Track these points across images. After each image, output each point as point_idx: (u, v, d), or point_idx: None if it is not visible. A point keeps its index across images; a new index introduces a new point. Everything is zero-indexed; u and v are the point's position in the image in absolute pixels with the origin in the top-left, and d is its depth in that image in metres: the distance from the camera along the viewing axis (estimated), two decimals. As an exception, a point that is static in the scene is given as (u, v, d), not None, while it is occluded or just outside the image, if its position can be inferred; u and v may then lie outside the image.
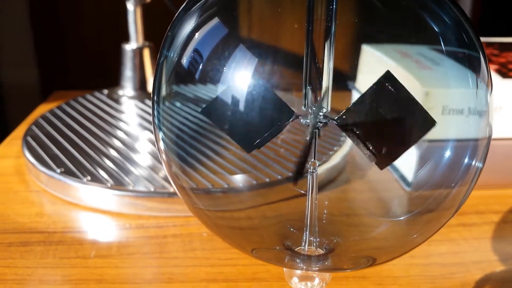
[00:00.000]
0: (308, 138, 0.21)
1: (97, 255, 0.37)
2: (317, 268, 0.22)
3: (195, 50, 0.22)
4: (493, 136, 0.42)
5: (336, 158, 0.38)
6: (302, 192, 0.23)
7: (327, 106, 0.22)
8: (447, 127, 0.30)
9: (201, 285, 0.34)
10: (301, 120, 0.21)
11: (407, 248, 0.24)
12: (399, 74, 0.32)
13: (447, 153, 0.25)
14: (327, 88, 0.22)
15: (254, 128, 0.21)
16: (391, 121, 0.21)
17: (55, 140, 0.50)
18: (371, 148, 0.20)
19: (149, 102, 0.59)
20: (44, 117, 0.56)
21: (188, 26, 0.22)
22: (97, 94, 0.63)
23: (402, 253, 0.24)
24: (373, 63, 0.29)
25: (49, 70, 1.01)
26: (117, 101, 0.60)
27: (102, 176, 0.44)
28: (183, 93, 0.24)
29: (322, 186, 0.25)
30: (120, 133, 0.52)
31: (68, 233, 0.40)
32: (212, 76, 0.21)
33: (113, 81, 0.64)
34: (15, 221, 0.41)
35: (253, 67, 0.21)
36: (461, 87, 0.27)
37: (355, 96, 0.32)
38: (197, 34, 0.22)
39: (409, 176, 0.29)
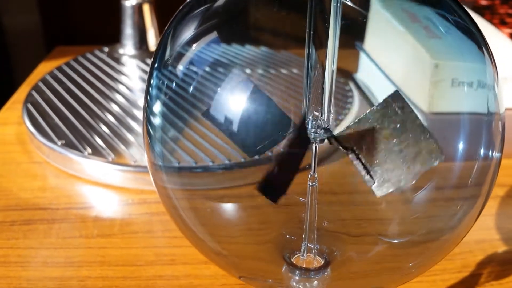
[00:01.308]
0: (299, 156, 0.21)
1: (100, 234, 0.37)
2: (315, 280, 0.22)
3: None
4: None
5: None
6: (302, 199, 0.23)
7: (328, 120, 0.21)
8: (456, 100, 0.29)
9: (202, 267, 0.35)
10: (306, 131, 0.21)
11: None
12: (408, 42, 0.31)
13: (456, 126, 0.24)
14: (329, 101, 0.21)
15: (257, 134, 0.20)
16: (393, 146, 0.20)
17: (56, 108, 0.50)
18: (370, 171, 0.20)
19: (150, 61, 0.58)
20: (44, 81, 0.55)
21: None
22: (97, 52, 0.61)
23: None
24: (382, 25, 0.28)
25: (52, 18, 0.98)
26: (117, 60, 0.59)
27: (104, 149, 0.43)
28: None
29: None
30: (121, 99, 0.51)
31: (71, 209, 0.40)
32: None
33: (115, 34, 0.62)
34: (18, 197, 0.41)
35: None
36: (471, 61, 0.26)
37: (363, 57, 0.31)
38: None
39: None
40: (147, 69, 0.56)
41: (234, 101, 0.21)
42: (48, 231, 0.38)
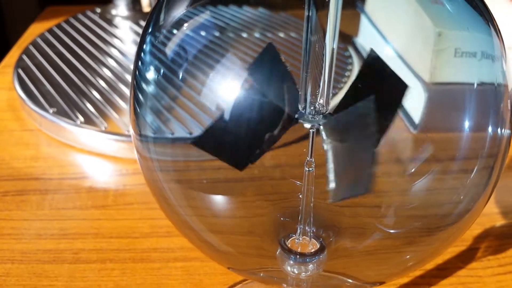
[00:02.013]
0: (276, 133, 0.20)
1: (94, 206, 0.37)
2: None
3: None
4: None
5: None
6: (298, 183, 0.22)
7: (326, 105, 0.20)
8: (459, 71, 0.28)
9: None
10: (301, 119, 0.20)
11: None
12: (411, 6, 0.29)
13: (457, 96, 0.24)
14: (329, 82, 0.20)
15: (245, 145, 0.19)
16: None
17: (47, 73, 0.48)
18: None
19: (143, 23, 0.56)
20: (35, 44, 0.53)
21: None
22: (89, 13, 0.59)
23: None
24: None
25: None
26: (110, 22, 0.57)
27: (96, 117, 0.42)
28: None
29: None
30: (113, 63, 0.49)
31: (64, 179, 0.39)
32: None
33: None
34: (11, 166, 0.41)
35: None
36: (475, 31, 0.25)
37: (363, 21, 0.30)
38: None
39: (416, 118, 0.28)
40: (141, 31, 0.55)
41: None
42: (41, 202, 0.37)
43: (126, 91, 0.46)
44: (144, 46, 0.23)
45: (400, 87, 0.21)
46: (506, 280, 0.31)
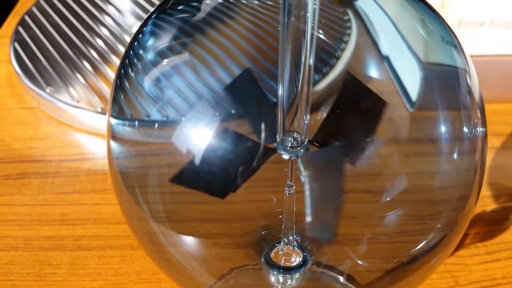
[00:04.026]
0: (255, 165, 0.20)
1: (93, 190, 0.38)
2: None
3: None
4: (504, 52, 0.39)
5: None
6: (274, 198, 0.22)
7: (305, 134, 0.20)
8: (463, 42, 0.27)
9: (195, 226, 0.35)
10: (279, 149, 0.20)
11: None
12: None
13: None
14: (306, 107, 0.20)
15: (223, 175, 0.19)
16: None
17: (43, 47, 0.48)
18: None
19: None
20: (30, 14, 0.52)
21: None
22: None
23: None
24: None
25: None
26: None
27: (93, 96, 0.42)
28: None
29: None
30: (110, 36, 0.49)
31: (63, 161, 0.40)
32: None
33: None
34: (11, 148, 0.41)
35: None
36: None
37: None
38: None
39: (414, 96, 0.28)
40: (141, 1, 0.54)
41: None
42: (42, 186, 0.38)
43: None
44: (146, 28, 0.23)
45: (380, 105, 0.21)
46: (492, 269, 0.32)
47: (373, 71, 0.21)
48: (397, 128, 0.22)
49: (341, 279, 0.24)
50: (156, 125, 0.22)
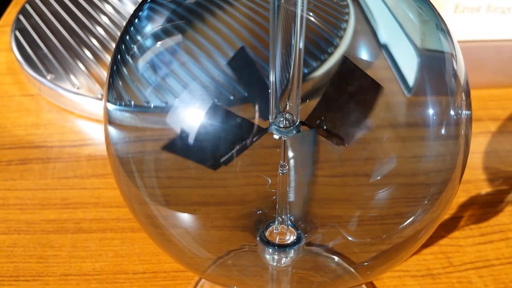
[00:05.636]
0: (248, 143, 0.20)
1: (94, 174, 0.38)
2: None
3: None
4: (500, 37, 0.39)
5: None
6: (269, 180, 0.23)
7: (297, 115, 0.20)
8: (460, 27, 0.27)
9: (193, 209, 0.36)
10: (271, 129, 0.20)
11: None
12: None
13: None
14: (294, 93, 0.20)
15: (219, 145, 0.20)
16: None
17: (44, 35, 0.48)
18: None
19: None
20: (31, 2, 0.53)
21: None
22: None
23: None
24: None
25: None
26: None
27: (93, 83, 0.43)
28: None
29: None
30: (110, 24, 0.49)
31: (64, 147, 0.41)
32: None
33: None
34: (13, 134, 0.42)
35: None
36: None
37: None
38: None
39: (411, 81, 0.28)
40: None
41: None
42: (43, 171, 0.39)
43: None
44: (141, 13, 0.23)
45: (375, 88, 0.21)
46: (485, 250, 0.32)
47: (371, 58, 0.22)
48: (394, 113, 0.22)
49: (336, 258, 0.24)
50: (152, 108, 0.22)
